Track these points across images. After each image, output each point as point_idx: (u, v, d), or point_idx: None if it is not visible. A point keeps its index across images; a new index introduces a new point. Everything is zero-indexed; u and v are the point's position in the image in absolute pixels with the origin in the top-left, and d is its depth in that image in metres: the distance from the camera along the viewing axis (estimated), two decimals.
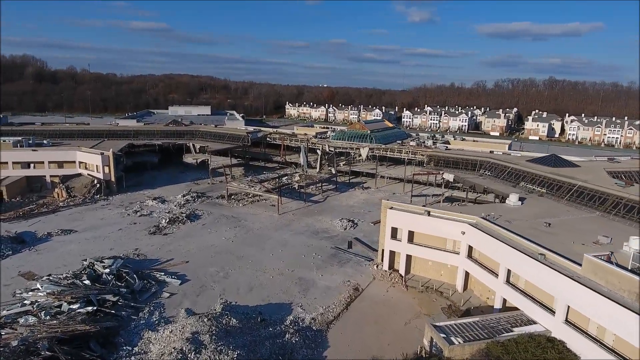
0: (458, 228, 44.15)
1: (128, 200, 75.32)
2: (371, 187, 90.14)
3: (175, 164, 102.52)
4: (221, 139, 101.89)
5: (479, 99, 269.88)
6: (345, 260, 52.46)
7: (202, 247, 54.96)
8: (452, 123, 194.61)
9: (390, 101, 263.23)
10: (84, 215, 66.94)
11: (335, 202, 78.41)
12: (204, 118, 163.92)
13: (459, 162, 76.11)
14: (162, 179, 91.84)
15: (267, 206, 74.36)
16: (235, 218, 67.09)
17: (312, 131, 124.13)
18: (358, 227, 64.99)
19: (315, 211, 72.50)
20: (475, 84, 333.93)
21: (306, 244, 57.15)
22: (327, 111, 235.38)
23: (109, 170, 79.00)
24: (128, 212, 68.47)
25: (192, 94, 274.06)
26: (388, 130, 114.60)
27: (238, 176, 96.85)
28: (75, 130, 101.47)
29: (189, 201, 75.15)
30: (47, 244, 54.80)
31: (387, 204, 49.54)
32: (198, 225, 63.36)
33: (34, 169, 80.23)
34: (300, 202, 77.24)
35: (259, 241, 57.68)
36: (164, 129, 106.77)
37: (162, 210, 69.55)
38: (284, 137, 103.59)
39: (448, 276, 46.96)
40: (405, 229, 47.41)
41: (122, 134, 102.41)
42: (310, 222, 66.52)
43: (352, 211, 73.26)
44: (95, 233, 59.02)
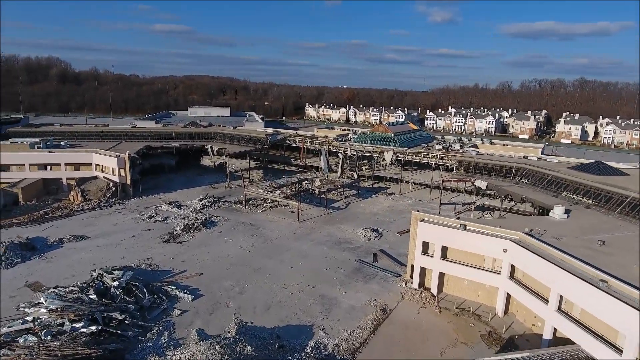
0: (499, 245, 39.48)
1: (143, 205, 72.93)
2: (395, 193, 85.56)
3: (193, 167, 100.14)
4: (239, 141, 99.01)
5: (504, 101, 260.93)
6: (370, 276, 48.28)
7: (217, 258, 51.66)
8: (478, 125, 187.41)
9: (413, 102, 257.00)
10: (98, 220, 64.69)
11: (358, 209, 74.22)
12: (223, 119, 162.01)
13: (491, 168, 70.91)
14: (179, 182, 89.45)
15: (286, 213, 70.78)
16: (253, 225, 63.71)
17: (333, 133, 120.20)
18: (383, 238, 60.67)
19: (337, 219, 68.50)
20: (500, 84, 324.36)
21: (328, 256, 53.21)
22: (348, 112, 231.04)
23: (124, 173, 76.87)
24: (143, 217, 65.93)
25: (212, 95, 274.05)
26: (412, 133, 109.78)
27: (256, 180, 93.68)
28: (94, 132, 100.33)
29: (205, 206, 72.23)
30: (57, 251, 52.48)
31: (418, 215, 45.16)
32: (214, 233, 60.21)
33: (51, 171, 78.84)
34: (321, 209, 73.40)
35: (278, 252, 54.04)
36: (182, 131, 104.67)
37: (177, 216, 66.76)
38: (304, 139, 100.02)
39: (486, 297, 42.26)
40: (438, 244, 42.96)
41: (140, 136, 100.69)
42: (331, 231, 62.57)
43: (376, 219, 68.96)
44: (107, 240, 56.50)
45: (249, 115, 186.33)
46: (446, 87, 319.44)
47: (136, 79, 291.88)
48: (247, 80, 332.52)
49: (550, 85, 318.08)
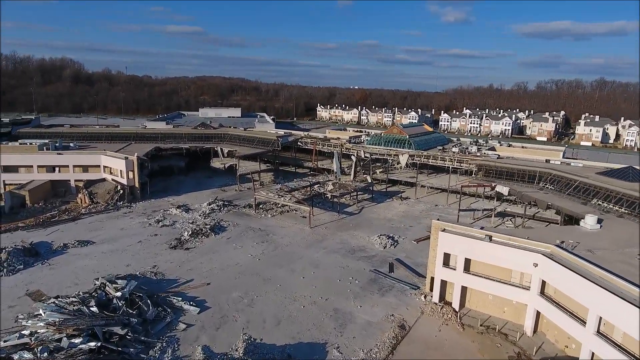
0: (528, 259, 36.42)
1: (151, 208, 71.12)
2: (410, 198, 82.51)
3: (203, 169, 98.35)
4: (250, 143, 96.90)
5: (520, 102, 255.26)
6: (387, 287, 45.47)
7: (226, 266, 49.36)
8: (494, 127, 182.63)
9: (426, 103, 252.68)
10: (105, 224, 62.97)
11: (372, 215, 71.38)
12: (234, 120, 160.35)
13: (513, 172, 67.46)
14: (188, 185, 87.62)
15: (297, 218, 68.29)
16: (263, 231, 61.33)
17: (345, 135, 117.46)
18: (399, 246, 57.78)
19: (350, 225, 65.77)
20: (515, 85, 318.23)
21: (341, 265, 50.53)
22: (360, 114, 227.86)
23: (133, 175, 75.21)
24: (150, 221, 64.05)
25: (223, 95, 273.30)
26: (427, 135, 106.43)
27: (267, 183, 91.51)
28: (103, 133, 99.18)
29: (215, 210, 70.12)
30: (61, 257, 50.73)
31: (439, 224, 42.26)
32: (222, 239, 57.97)
33: (59, 173, 77.61)
34: (334, 214, 70.76)
35: (289, 260, 51.53)
36: (191, 132, 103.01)
37: (185, 220, 64.73)
38: (316, 141, 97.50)
39: (513, 314, 39.17)
40: (461, 256, 40.00)
41: (150, 137, 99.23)
42: (345, 238, 59.87)
43: (391, 226, 66.06)
44: (113, 245, 54.63)
45: (260, 116, 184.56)
46: (460, 88, 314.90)
47: (148, 79, 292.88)
48: (258, 81, 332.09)
49: (567, 86, 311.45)
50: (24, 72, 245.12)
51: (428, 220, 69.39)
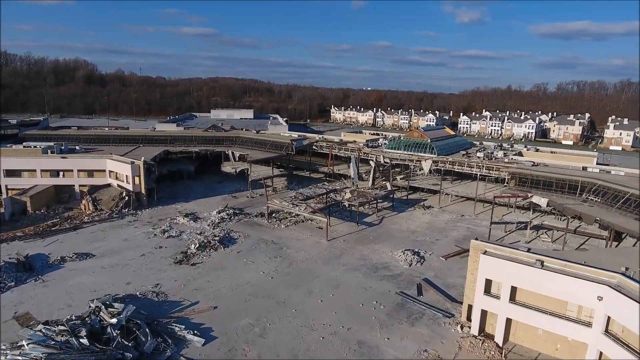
0: (590, 290, 30.72)
1: (158, 216, 66.83)
2: (434, 207, 76.81)
3: (213, 173, 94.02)
4: (263, 147, 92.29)
5: (541, 104, 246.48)
6: (416, 314, 40.08)
7: (235, 285, 44.52)
8: (516, 130, 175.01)
9: (443, 105, 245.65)
10: (107, 234, 58.76)
11: (394, 226, 65.96)
12: (246, 122, 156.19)
13: (551, 182, 61.38)
14: (198, 191, 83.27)
15: (312, 228, 63.26)
16: (276, 244, 56.42)
17: (362, 138, 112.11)
18: (426, 263, 52.27)
19: (371, 237, 60.46)
20: (534, 86, 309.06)
21: (363, 286, 45.28)
22: (375, 115, 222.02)
23: (139, 181, 71.06)
24: (155, 231, 59.64)
25: (236, 96, 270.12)
26: (450, 139, 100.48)
27: (280, 188, 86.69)
28: (111, 135, 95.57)
29: (224, 219, 65.50)
30: (57, 273, 46.49)
31: (479, 245, 36.75)
32: (232, 253, 53.19)
33: (63, 178, 73.98)
34: (352, 224, 65.57)
35: (305, 279, 46.48)
36: (202, 135, 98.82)
37: (193, 231, 60.19)
38: (332, 145, 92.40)
39: (568, 353, 33.45)
40: (506, 283, 34.44)
41: (159, 140, 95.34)
42: (365, 253, 54.58)
43: (415, 239, 60.58)
44: (114, 259, 50.26)
45: (272, 118, 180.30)
46: (477, 89, 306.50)
47: (161, 80, 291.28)
48: (271, 82, 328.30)
49: (589, 87, 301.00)
50: (37, 73, 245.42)
51: (455, 232, 63.94)
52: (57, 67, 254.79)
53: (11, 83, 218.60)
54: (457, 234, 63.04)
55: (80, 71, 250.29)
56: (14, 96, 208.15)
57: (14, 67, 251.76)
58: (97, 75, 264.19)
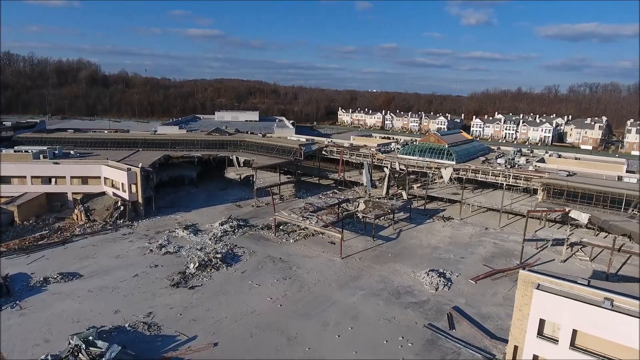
0: None
1: (155, 228, 61.38)
2: (454, 218, 70.84)
3: (216, 179, 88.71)
4: (269, 152, 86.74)
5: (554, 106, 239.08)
6: (451, 355, 34.19)
7: (239, 315, 38.84)
8: (532, 134, 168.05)
9: (454, 107, 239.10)
10: (98, 249, 53.30)
11: (413, 241, 60.06)
12: (251, 124, 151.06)
13: (591, 195, 55.19)
14: (199, 199, 77.82)
15: (324, 243, 57.54)
16: (285, 262, 50.71)
17: (373, 142, 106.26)
18: (454, 286, 46.32)
19: (389, 255, 54.60)
20: (545, 89, 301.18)
21: (386, 317, 39.44)
22: (384, 118, 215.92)
23: (135, 189, 65.71)
24: (151, 246, 54.15)
25: (241, 98, 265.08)
26: (467, 144, 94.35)
27: (287, 196, 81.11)
28: (108, 139, 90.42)
29: (228, 232, 59.93)
30: (38, 298, 41.05)
31: (529, 277, 30.78)
32: (236, 273, 47.52)
33: (55, 185, 68.82)
34: (367, 238, 59.81)
35: (318, 307, 40.72)
36: (205, 139, 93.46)
37: (193, 246, 54.63)
38: (342, 150, 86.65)
39: None
40: (567, 325, 28.46)
41: (159, 144, 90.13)
42: (385, 274, 48.71)
43: (438, 256, 54.67)
44: (103, 281, 44.75)
45: (278, 120, 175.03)
46: (486, 91, 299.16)
47: (165, 82, 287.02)
48: (276, 84, 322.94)
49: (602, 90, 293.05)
50: (40, 74, 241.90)
51: (481, 248, 57.99)
52: (60, 67, 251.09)
53: (13, 83, 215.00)
54: (484, 251, 57.08)
55: (83, 72, 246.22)
56: (16, 97, 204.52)
57: (16, 67, 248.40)
58: (100, 76, 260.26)
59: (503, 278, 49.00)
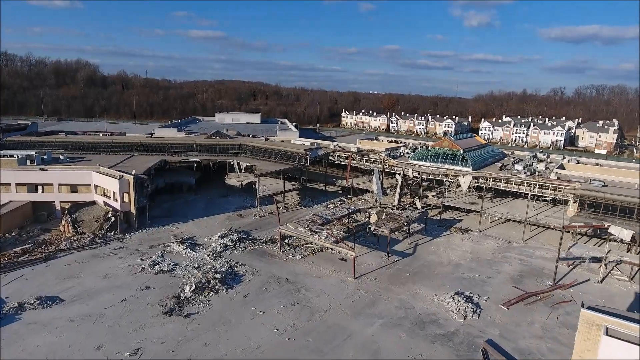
0: None
1: (149, 242, 56.09)
2: (473, 230, 65.51)
3: (216, 186, 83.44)
4: (272, 157, 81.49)
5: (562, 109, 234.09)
6: None
7: (241, 351, 33.50)
8: (543, 137, 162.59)
9: (460, 110, 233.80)
10: (84, 267, 48.00)
11: (432, 257, 54.71)
12: (252, 127, 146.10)
13: (632, 209, 49.77)
14: (198, 207, 72.57)
15: (334, 260, 52.25)
16: (292, 284, 45.38)
17: (380, 146, 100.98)
18: (484, 313, 40.95)
19: (407, 274, 49.25)
20: (551, 91, 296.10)
21: (411, 353, 34.07)
22: (389, 121, 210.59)
23: (128, 198, 60.45)
24: (144, 263, 48.84)
25: (242, 99, 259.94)
26: (482, 149, 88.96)
27: (292, 205, 75.88)
28: (102, 143, 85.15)
29: (228, 247, 54.63)
30: (10, 329, 35.71)
31: (592, 318, 25.47)
32: (237, 297, 42.20)
33: (42, 193, 63.66)
34: (381, 254, 54.54)
35: (332, 340, 35.35)
36: (204, 142, 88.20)
37: (189, 263, 49.33)
38: (351, 156, 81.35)
39: None
40: None
41: (156, 148, 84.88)
42: (404, 297, 43.37)
43: (462, 275, 49.32)
44: (86, 307, 39.43)
45: (280, 123, 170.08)
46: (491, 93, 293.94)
47: (165, 83, 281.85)
48: (278, 85, 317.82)
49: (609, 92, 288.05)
50: (38, 74, 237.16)
51: (507, 266, 52.66)
52: (58, 68, 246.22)
53: (10, 84, 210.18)
54: (511, 269, 51.72)
55: (82, 72, 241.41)
56: (12, 97, 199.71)
57: (13, 67, 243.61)
58: (99, 76, 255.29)
59: (537, 302, 43.67)
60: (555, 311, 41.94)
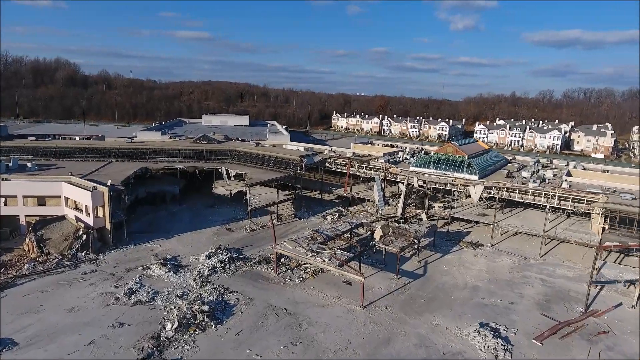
0: None
1: (126, 263, 49.25)
2: (484, 244, 60.28)
3: (203, 195, 76.73)
4: (264, 164, 75.13)
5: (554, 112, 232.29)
6: None
7: None
8: (539, 141, 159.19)
9: (452, 112, 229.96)
10: (48, 297, 41.04)
11: (445, 278, 49.10)
12: (241, 130, 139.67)
13: None
14: (183, 220, 65.87)
15: (338, 284, 46.27)
16: (292, 315, 39.19)
17: (376, 150, 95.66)
18: (515, 350, 35.38)
19: (422, 300, 43.53)
20: (540, 94, 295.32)
21: None
22: (382, 123, 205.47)
23: (103, 213, 53.46)
24: (119, 292, 42.10)
25: (229, 101, 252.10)
26: (486, 155, 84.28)
27: (286, 216, 69.77)
28: (77, 148, 77.54)
29: (217, 268, 48.18)
30: None
31: None
32: (228, 336, 35.81)
33: (5, 207, 56.18)
34: (389, 275, 48.85)
35: None
36: (190, 148, 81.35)
37: (172, 290, 42.78)
38: (350, 162, 75.49)
39: None
40: None
41: (137, 153, 77.78)
42: (423, 332, 37.54)
43: (482, 301, 43.81)
44: (44, 353, 32.59)
45: (270, 125, 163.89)
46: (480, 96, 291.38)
47: (150, 83, 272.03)
48: (266, 87, 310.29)
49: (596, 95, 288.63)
50: (14, 74, 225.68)
51: (529, 288, 47.39)
52: (36, 67, 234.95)
53: None
54: (534, 292, 46.42)
55: (61, 72, 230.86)
56: None
57: None
58: (79, 76, 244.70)
59: (572, 334, 38.34)
60: (595, 345, 36.68)
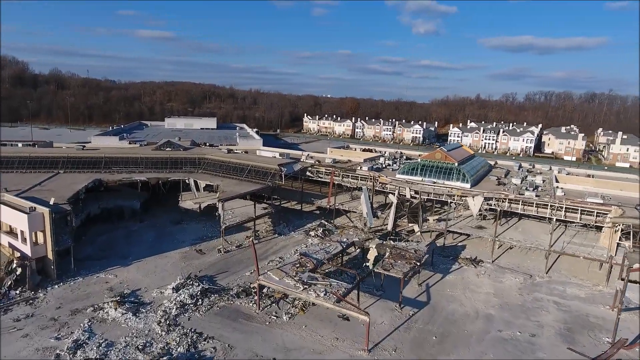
0: None
1: (71, 303, 40.13)
2: (483, 260, 55.16)
3: (168, 210, 67.65)
4: (239, 174, 66.99)
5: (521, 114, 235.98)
6: None
7: None
8: (513, 144, 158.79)
9: (423, 114, 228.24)
10: None
11: (453, 306, 43.20)
12: (208, 134, 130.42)
13: None
14: (144, 241, 56.85)
15: (333, 320, 39.28)
16: None
17: (355, 155, 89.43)
18: None
19: (433, 337, 37.27)
20: (503, 96, 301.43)
21: None
22: (355, 126, 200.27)
23: (43, 239, 43.91)
24: (61, 345, 33.23)
25: (194, 102, 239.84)
26: (472, 160, 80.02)
27: (264, 233, 62.23)
28: (16, 157, 66.35)
29: (187, 305, 40.01)
30: None
31: None
32: None
33: None
34: (388, 304, 42.49)
35: None
36: (152, 156, 71.96)
37: (131, 340, 34.32)
38: (333, 171, 68.70)
39: None
40: None
41: (89, 163, 67.78)
42: None
43: (499, 334, 38.12)
44: None
45: (240, 128, 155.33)
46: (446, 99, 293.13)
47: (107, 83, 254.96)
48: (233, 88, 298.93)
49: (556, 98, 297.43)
50: None
51: (546, 314, 42.30)
52: None
53: None
54: (552, 320, 41.31)
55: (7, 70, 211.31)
56: None
57: None
58: (28, 75, 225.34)
59: None
60: None
